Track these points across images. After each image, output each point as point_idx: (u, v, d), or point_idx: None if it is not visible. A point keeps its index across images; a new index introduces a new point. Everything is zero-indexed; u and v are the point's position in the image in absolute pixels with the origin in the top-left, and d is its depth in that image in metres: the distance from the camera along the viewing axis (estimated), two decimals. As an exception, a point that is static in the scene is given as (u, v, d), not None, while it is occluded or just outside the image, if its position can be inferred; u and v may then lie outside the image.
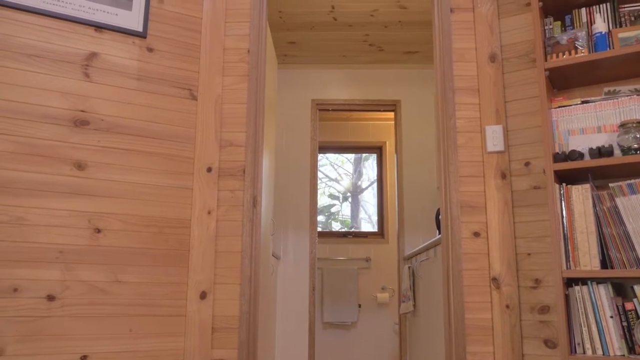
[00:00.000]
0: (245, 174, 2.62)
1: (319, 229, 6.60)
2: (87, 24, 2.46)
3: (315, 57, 5.09)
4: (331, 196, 6.95)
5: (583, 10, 2.37)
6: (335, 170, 7.01)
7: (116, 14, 2.53)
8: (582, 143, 2.26)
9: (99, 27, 2.49)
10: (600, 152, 2.17)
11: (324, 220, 6.84)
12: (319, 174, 6.83)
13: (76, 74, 2.41)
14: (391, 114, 6.37)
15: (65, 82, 2.38)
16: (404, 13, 4.28)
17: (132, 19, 2.57)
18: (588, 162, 2.15)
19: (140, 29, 2.57)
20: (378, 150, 6.79)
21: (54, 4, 2.40)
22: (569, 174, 2.26)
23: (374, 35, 4.65)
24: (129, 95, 2.51)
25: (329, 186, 6.99)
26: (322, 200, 6.89)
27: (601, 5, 2.34)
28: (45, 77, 2.35)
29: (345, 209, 6.92)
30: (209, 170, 2.62)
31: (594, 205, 2.14)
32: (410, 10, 4.23)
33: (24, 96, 2.29)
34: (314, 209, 4.97)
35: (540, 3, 2.35)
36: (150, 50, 2.59)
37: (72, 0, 2.45)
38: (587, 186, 2.16)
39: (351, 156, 7.05)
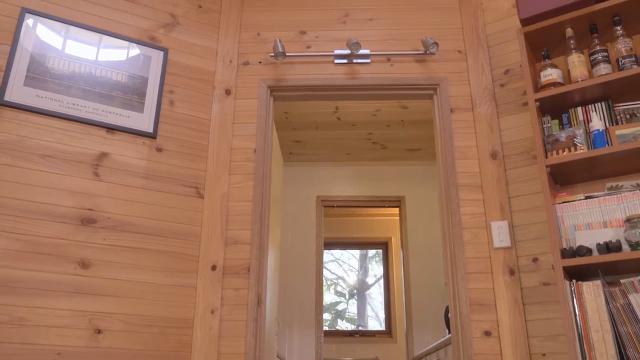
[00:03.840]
0: (250, 272, 2.60)
1: (325, 328, 6.42)
2: (99, 125, 2.55)
3: (320, 155, 5.21)
4: (337, 293, 6.82)
5: (579, 109, 2.45)
6: (341, 267, 6.94)
7: (128, 116, 2.63)
8: (589, 238, 2.24)
9: (111, 128, 2.58)
10: (609, 247, 2.15)
11: (330, 318, 6.67)
12: (325, 271, 6.75)
13: (86, 173, 2.47)
14: (396, 210, 6.40)
15: (74, 181, 2.43)
16: (405, 113, 4.43)
17: (143, 121, 2.66)
18: (597, 257, 2.12)
19: (150, 130, 2.66)
20: (384, 246, 6.75)
21: (69, 108, 2.51)
22: (578, 269, 2.22)
23: (377, 134, 4.79)
24: (137, 193, 2.55)
25: (334, 283, 6.88)
26: (328, 298, 6.75)
27: (596, 104, 2.42)
28: (55, 177, 2.40)
29: (352, 307, 6.76)
30: (214, 268, 2.59)
31: (607, 303, 2.08)
32: (411, 110, 4.39)
33: (33, 195, 2.33)
34: (319, 307, 4.87)
35: (537, 103, 2.44)
36: (159, 150, 2.67)
37: (87, 103, 2.56)
38: (598, 282, 2.12)
39: (357, 252, 7.00)
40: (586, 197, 2.31)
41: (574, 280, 2.16)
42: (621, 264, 2.13)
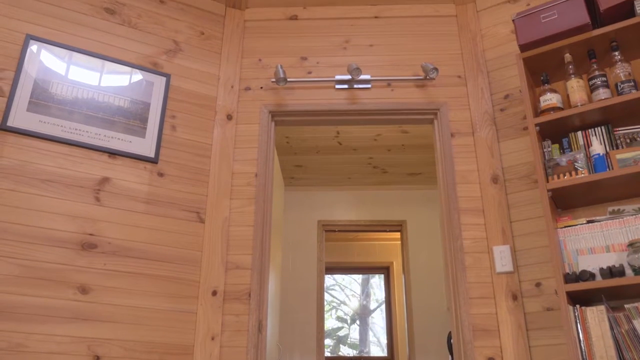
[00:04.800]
0: (251, 297, 2.58)
1: (327, 354, 6.34)
2: (101, 150, 2.56)
3: (321, 180, 5.22)
4: (339, 319, 6.76)
5: (579, 133, 2.46)
6: (343, 292, 6.88)
7: (130, 141, 2.64)
8: (592, 263, 2.23)
9: (113, 153, 2.59)
10: (612, 272, 2.13)
11: (332, 344, 6.59)
12: (326, 296, 6.70)
13: (87, 198, 2.47)
14: (397, 234, 6.38)
15: (75, 206, 2.43)
16: (406, 137, 4.44)
17: (145, 146, 2.67)
18: (600, 282, 2.11)
19: (152, 155, 2.67)
20: (385, 270, 6.71)
21: (71, 133, 2.52)
22: (582, 295, 2.21)
23: (377, 158, 4.80)
24: (138, 218, 2.55)
25: (335, 308, 6.82)
26: (330, 323, 6.68)
27: (596, 129, 2.43)
28: (56, 202, 2.40)
29: (354, 332, 6.69)
30: (214, 293, 2.57)
31: (612, 328, 2.06)
32: (412, 134, 4.40)
33: (34, 220, 2.33)
34: (321, 333, 4.81)
35: (537, 127, 2.44)
36: (160, 175, 2.67)
37: (89, 128, 2.57)
38: (602, 308, 2.10)
39: (358, 277, 6.95)
40: (588, 222, 2.30)
41: (577, 306, 2.14)
42: (625, 288, 2.11)
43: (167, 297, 2.49)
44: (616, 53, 2.42)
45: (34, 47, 2.56)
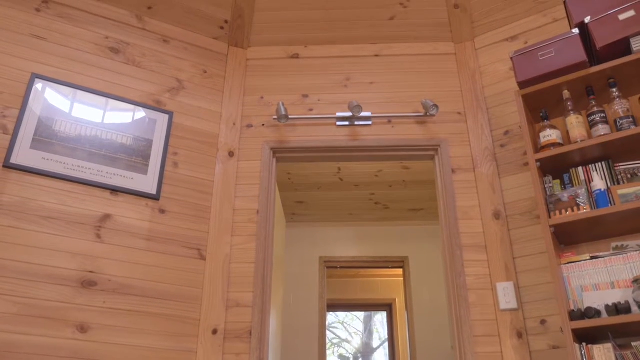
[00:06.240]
0: (252, 336, 2.54)
1: (329, 394, 6.21)
2: (103, 187, 2.57)
3: (322, 216, 5.21)
4: (341, 357, 6.64)
5: (580, 168, 2.46)
6: (345, 329, 6.79)
7: (132, 178, 2.65)
8: (597, 299, 2.20)
9: (115, 190, 2.59)
10: (617, 309, 2.10)
11: (333, 384, 6.46)
12: (328, 334, 6.60)
13: (88, 235, 2.46)
14: (400, 271, 6.33)
15: (76, 243, 2.42)
16: (407, 173, 4.46)
17: (147, 183, 2.68)
18: (606, 319, 2.08)
19: (154, 192, 2.67)
20: (388, 307, 6.63)
21: (74, 170, 2.53)
22: (588, 332, 2.17)
23: (379, 194, 4.80)
24: (138, 255, 2.53)
25: (338, 346, 6.71)
26: (332, 362, 6.56)
27: (597, 164, 2.44)
28: (57, 239, 2.39)
29: (356, 372, 6.56)
30: (215, 332, 2.54)
31: (619, 367, 2.02)
32: (413, 170, 4.42)
33: (34, 257, 2.31)
34: (323, 372, 4.72)
35: (538, 163, 2.45)
36: (162, 211, 2.67)
37: (91, 165, 2.58)
38: (609, 345, 2.06)
39: (361, 314, 6.86)
40: (592, 258, 2.29)
41: (584, 344, 2.11)
42: (631, 326, 2.08)
43: (167, 335, 2.46)
44: (614, 89, 2.45)
45: (39, 85, 2.60)
